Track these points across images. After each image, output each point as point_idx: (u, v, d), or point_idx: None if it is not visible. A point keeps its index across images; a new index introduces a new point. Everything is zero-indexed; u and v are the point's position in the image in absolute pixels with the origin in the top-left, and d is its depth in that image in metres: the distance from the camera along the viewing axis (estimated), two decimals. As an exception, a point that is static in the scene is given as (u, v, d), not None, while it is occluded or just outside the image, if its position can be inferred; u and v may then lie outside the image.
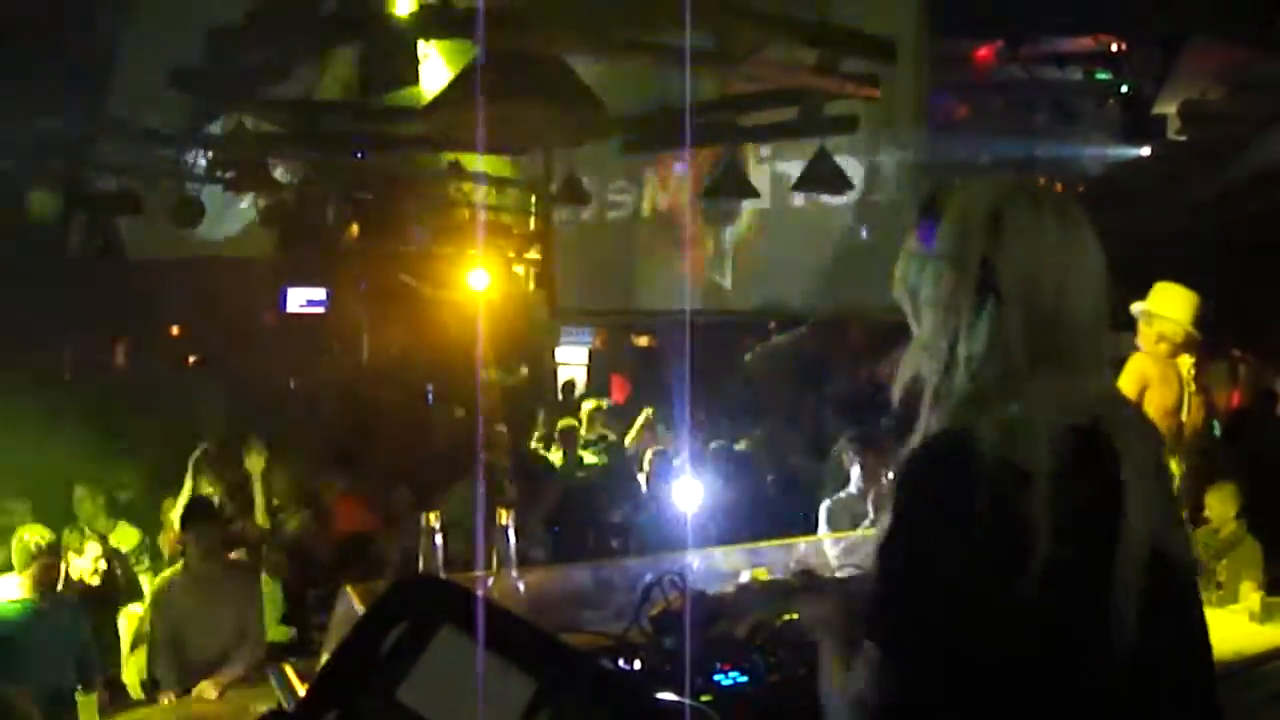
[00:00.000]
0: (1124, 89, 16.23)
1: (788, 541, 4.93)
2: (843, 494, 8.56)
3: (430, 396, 16.57)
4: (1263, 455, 11.39)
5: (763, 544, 4.76)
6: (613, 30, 7.89)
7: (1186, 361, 7.24)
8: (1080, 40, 15.65)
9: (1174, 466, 7.19)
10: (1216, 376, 16.76)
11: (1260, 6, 6.54)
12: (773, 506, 10.02)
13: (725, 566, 4.32)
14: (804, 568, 3.43)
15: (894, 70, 9.27)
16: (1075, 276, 2.14)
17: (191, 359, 19.44)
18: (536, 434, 13.61)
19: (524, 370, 17.26)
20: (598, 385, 19.80)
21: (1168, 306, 7.18)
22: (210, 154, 11.66)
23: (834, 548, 5.45)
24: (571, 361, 20.77)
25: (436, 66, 9.22)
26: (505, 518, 3.87)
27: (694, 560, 4.25)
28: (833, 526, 8.13)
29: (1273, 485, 10.50)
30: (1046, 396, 2.05)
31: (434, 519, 3.77)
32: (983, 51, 16.16)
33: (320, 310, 18.70)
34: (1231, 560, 8.45)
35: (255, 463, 9.75)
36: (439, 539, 3.80)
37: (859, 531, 6.57)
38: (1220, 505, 8.46)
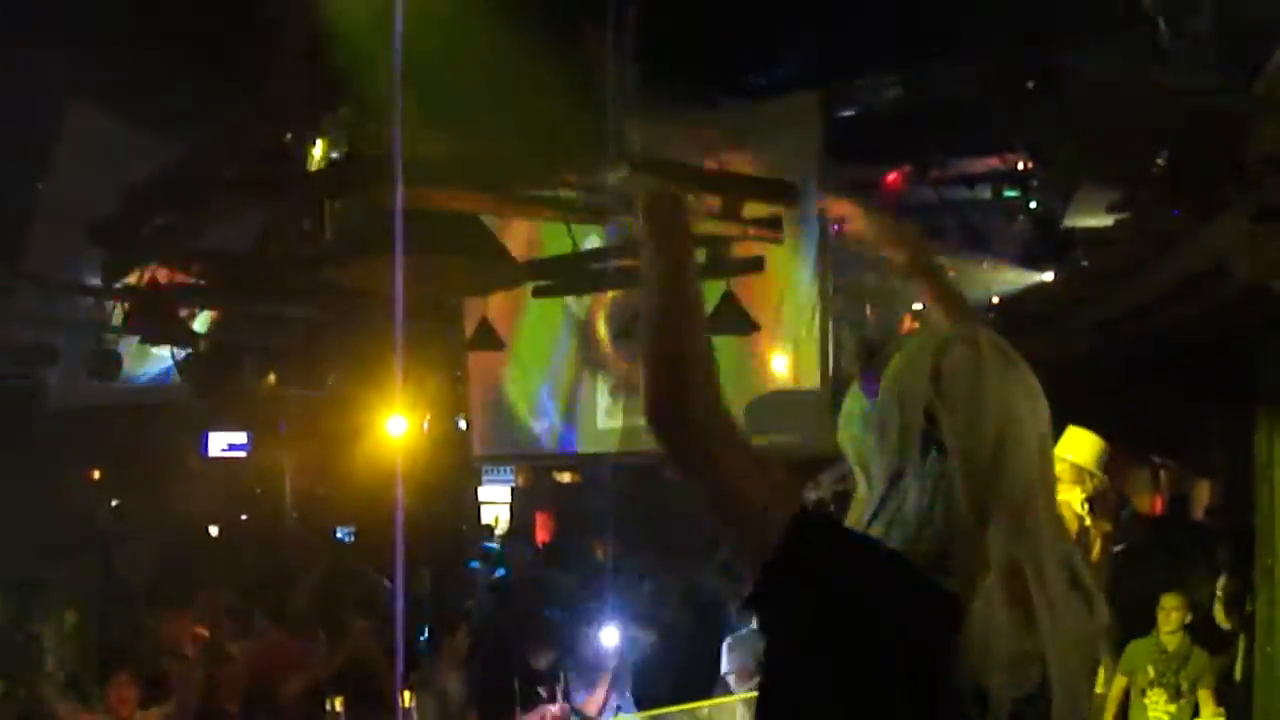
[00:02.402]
0: (1032, 205, 16.38)
1: (689, 707, 4.97)
2: (744, 630, 8.62)
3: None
4: (1180, 558, 11.60)
5: (665, 710, 4.79)
6: (517, 187, 8.01)
7: (1077, 497, 7.35)
8: (988, 160, 15.83)
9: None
10: (1139, 482, 17.04)
11: (1137, 158, 6.82)
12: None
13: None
14: None
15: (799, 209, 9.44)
16: (1019, 427, 2.16)
17: (114, 502, 19.35)
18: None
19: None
20: (521, 523, 19.80)
21: (1064, 448, 7.35)
22: (127, 306, 11.66)
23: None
24: (495, 500, 20.75)
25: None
26: (409, 700, 3.89)
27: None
28: (732, 663, 8.18)
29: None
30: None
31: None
32: (892, 176, 16.31)
33: (242, 454, 18.71)
34: (1188, 670, 8.68)
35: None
36: None
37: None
38: (1167, 616, 8.71)
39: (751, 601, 2.13)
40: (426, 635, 10.35)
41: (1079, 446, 7.39)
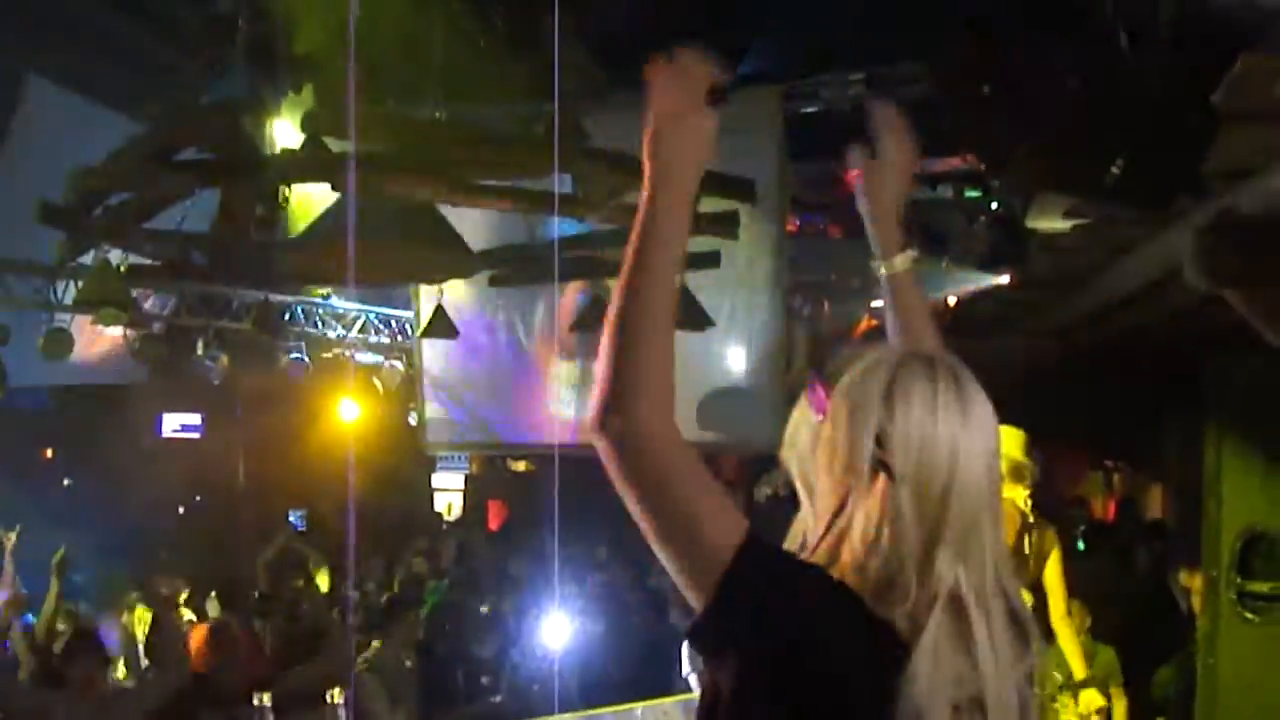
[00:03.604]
0: (994, 206, 16.36)
1: (624, 708, 4.94)
2: None
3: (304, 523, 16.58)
4: (1129, 564, 11.64)
5: (601, 710, 4.77)
6: (475, 176, 7.98)
7: (1021, 494, 7.37)
8: (949, 160, 15.79)
9: (1026, 598, 7.37)
10: (1094, 486, 17.13)
11: (1093, 164, 6.82)
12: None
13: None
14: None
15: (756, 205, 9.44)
16: (969, 451, 2.09)
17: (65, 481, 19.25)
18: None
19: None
20: (474, 511, 19.78)
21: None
22: (80, 286, 11.58)
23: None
24: (448, 487, 20.70)
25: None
26: (338, 696, 3.83)
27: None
28: (695, 664, 8.13)
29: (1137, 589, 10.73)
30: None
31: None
32: (854, 172, 16.25)
33: (195, 435, 18.61)
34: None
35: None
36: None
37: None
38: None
39: (695, 631, 2.06)
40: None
41: (1006, 442, 7.39)
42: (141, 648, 10.03)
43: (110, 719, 7.29)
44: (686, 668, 8.57)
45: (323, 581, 11.67)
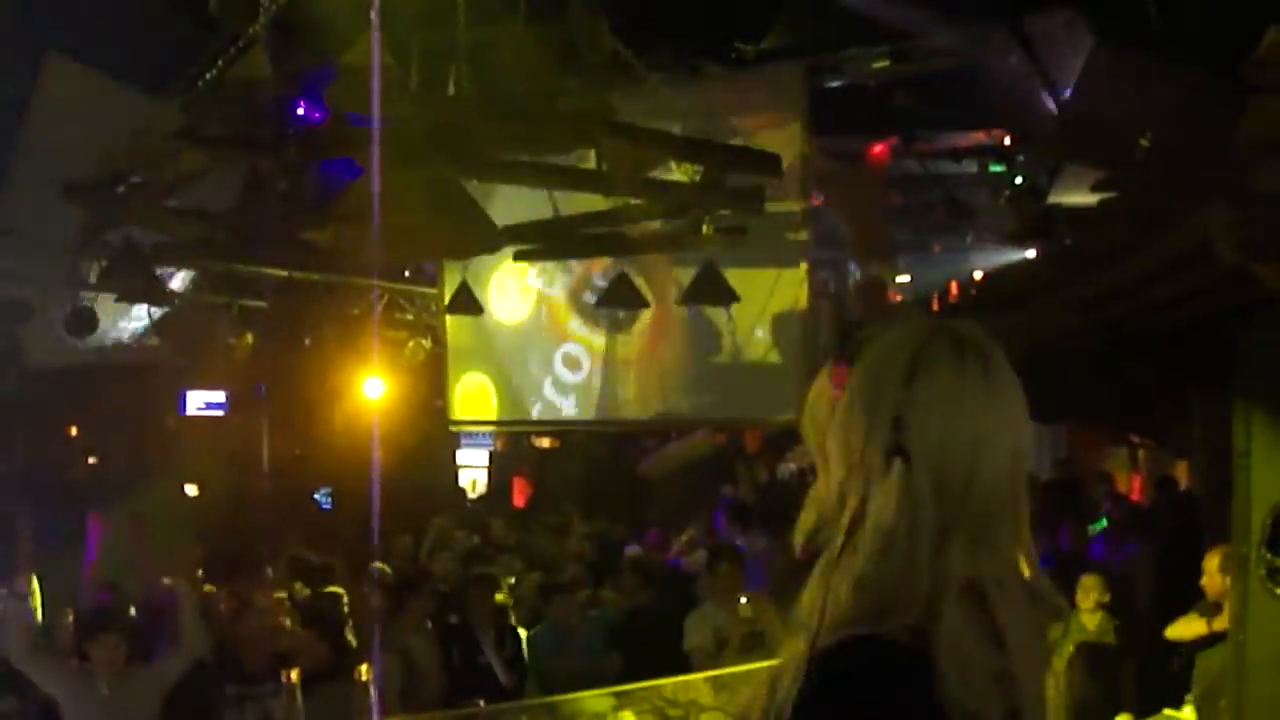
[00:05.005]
0: (1018, 181, 16.31)
1: (657, 683, 4.95)
2: (705, 607, 8.50)
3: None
4: (1173, 544, 11.58)
5: (630, 686, 4.78)
6: (501, 152, 7.97)
7: None
8: (974, 135, 15.76)
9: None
10: (1118, 462, 17.06)
11: (1119, 138, 6.79)
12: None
13: (592, 709, 4.31)
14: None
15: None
16: (993, 439, 1.96)
17: (90, 460, 19.26)
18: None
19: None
20: (499, 487, 19.76)
21: None
22: (104, 263, 11.59)
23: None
24: (473, 464, 20.69)
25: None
26: (366, 673, 3.82)
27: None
28: (690, 641, 8.05)
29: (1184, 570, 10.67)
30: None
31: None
32: (878, 148, 16.21)
33: (220, 413, 18.61)
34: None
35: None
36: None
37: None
38: (1086, 595, 8.70)
39: None
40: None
41: None
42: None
43: (136, 694, 7.31)
44: (687, 643, 8.56)
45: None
